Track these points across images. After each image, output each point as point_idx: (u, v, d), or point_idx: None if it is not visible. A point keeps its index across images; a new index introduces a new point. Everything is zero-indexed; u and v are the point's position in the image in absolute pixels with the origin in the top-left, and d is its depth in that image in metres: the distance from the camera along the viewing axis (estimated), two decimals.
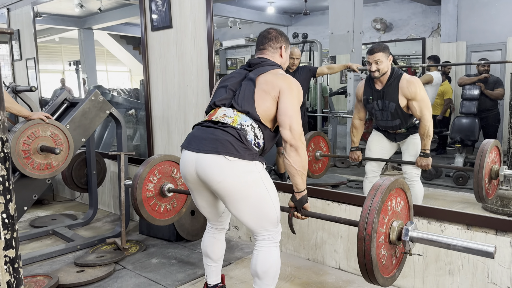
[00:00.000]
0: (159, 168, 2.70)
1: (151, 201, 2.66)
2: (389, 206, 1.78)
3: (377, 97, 3.05)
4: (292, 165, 1.98)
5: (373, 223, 1.65)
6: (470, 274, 2.39)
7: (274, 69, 2.12)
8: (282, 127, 1.99)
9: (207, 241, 2.34)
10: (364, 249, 1.66)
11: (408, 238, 1.75)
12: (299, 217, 2.09)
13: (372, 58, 2.93)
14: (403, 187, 1.88)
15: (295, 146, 1.97)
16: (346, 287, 2.68)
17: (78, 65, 9.21)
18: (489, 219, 2.34)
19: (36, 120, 3.08)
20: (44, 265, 3.17)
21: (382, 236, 1.72)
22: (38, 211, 4.74)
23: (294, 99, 2.02)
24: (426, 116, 2.89)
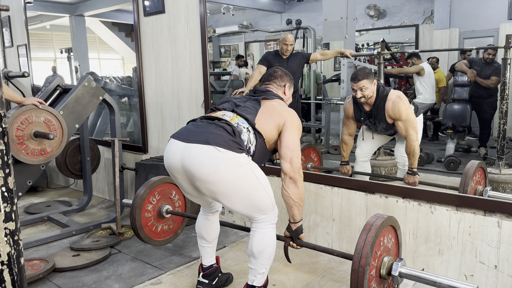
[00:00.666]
0: (159, 189, 2.77)
1: (149, 222, 2.73)
2: (381, 242, 1.89)
3: (367, 117, 3.12)
4: (290, 196, 2.04)
5: (367, 256, 1.76)
6: (459, 253, 2.45)
7: (280, 100, 2.23)
8: (283, 159, 2.04)
9: (201, 223, 2.37)
10: (357, 281, 1.76)
11: (397, 274, 1.87)
12: (294, 247, 2.17)
13: (356, 86, 2.95)
14: (395, 225, 2.00)
15: (294, 179, 2.03)
16: (338, 267, 2.74)
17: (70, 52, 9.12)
18: (477, 200, 2.39)
19: (29, 106, 3.08)
20: (40, 250, 3.20)
21: (373, 270, 1.84)
22: (33, 198, 4.75)
23: (296, 133, 2.10)
24: (411, 136, 2.93)
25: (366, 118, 3.12)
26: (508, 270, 2.30)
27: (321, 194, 3.01)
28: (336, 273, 2.66)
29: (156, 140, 4.14)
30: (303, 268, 2.76)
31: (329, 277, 2.62)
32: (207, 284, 2.38)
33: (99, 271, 2.80)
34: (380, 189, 2.74)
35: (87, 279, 2.69)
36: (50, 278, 2.70)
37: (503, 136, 3.72)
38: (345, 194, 2.89)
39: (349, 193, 2.87)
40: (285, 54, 4.30)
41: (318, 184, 3.03)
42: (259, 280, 2.14)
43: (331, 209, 2.98)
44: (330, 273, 2.67)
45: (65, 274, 2.76)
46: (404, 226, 2.64)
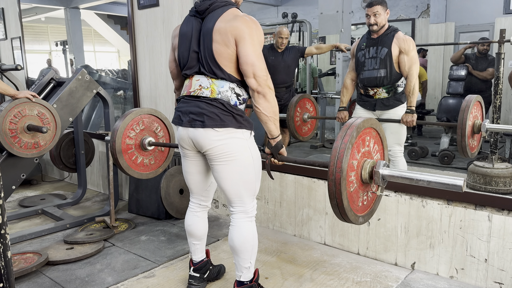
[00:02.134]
0: (145, 120, 2.65)
1: (129, 149, 2.60)
2: (360, 146, 1.72)
3: (371, 44, 3.12)
4: (262, 112, 1.95)
5: (342, 164, 1.58)
6: (450, 247, 2.47)
7: (226, 11, 1.96)
8: (246, 77, 1.93)
9: (190, 220, 2.35)
10: (334, 190, 1.61)
11: (380, 177, 1.70)
12: (276, 162, 2.08)
13: (370, 11, 3.01)
14: (375, 126, 1.80)
15: (263, 92, 1.92)
16: (330, 261, 2.75)
17: (65, 45, 9.06)
18: (468, 194, 2.41)
19: (23, 99, 3.06)
20: (34, 243, 3.20)
21: (353, 175, 1.68)
22: (27, 191, 4.74)
23: (255, 43, 1.91)
24: (413, 73, 2.98)
25: (369, 45, 3.12)
26: (498, 263, 2.32)
27: (314, 187, 3.02)
28: (328, 266, 2.68)
29: None
30: (296, 261, 2.77)
31: (321, 270, 2.64)
32: (198, 278, 2.39)
33: (92, 264, 2.81)
34: None
35: (80, 272, 2.69)
36: (43, 271, 2.70)
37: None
38: None
39: None
40: (280, 48, 4.30)
41: (311, 178, 3.04)
42: (246, 275, 2.14)
43: (324, 203, 2.99)
44: (323, 266, 2.68)
45: (58, 267, 2.76)
46: (395, 220, 2.66)
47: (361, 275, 2.56)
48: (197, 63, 2.03)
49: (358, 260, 2.76)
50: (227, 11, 1.96)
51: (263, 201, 3.34)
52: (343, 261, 2.75)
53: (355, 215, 1.70)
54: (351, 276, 2.55)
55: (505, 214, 2.28)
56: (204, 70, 2.00)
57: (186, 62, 2.06)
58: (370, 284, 2.45)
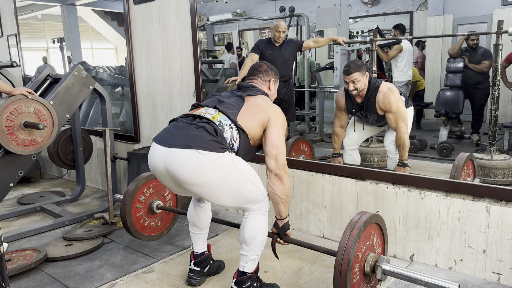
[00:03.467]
0: (154, 184, 2.78)
1: (138, 213, 2.73)
2: (365, 239, 1.89)
3: (359, 109, 3.12)
4: (276, 193, 2.04)
5: (349, 256, 1.76)
6: (448, 239, 2.47)
7: (265, 96, 2.21)
8: (268, 157, 2.04)
9: (192, 210, 2.38)
10: (340, 277, 1.77)
11: (381, 271, 1.88)
12: (281, 243, 2.18)
13: (348, 78, 2.96)
14: (380, 222, 2.01)
15: (280, 175, 2.02)
16: None
17: (62, 42, 9.02)
18: (466, 185, 2.40)
19: (19, 96, 3.05)
20: (33, 240, 3.19)
21: (357, 267, 1.84)
22: (26, 188, 4.74)
23: (281, 130, 2.08)
24: (401, 128, 2.95)
25: (357, 110, 3.13)
26: (497, 254, 2.32)
27: (313, 181, 3.02)
28: (326, 259, 2.68)
29: (148, 130, 4.12)
30: (294, 254, 2.77)
31: (320, 263, 2.64)
32: (198, 272, 2.39)
33: (91, 260, 2.81)
34: (371, 176, 2.75)
35: (80, 268, 2.69)
36: (42, 268, 2.70)
37: (495, 122, 3.73)
38: (336, 181, 2.90)
39: (340, 180, 2.88)
40: (277, 42, 4.27)
41: (310, 172, 3.03)
42: (250, 266, 2.15)
43: (322, 196, 2.99)
44: (321, 259, 2.68)
45: (57, 263, 2.76)
46: (394, 212, 2.65)
47: None
48: (215, 103, 2.11)
49: None
50: (266, 97, 2.23)
51: None
52: None
53: None
54: None
55: (503, 204, 2.28)
56: (219, 107, 2.06)
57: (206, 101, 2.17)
58: None
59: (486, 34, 5.44)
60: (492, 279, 2.35)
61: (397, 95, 2.96)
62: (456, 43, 5.45)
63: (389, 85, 3.01)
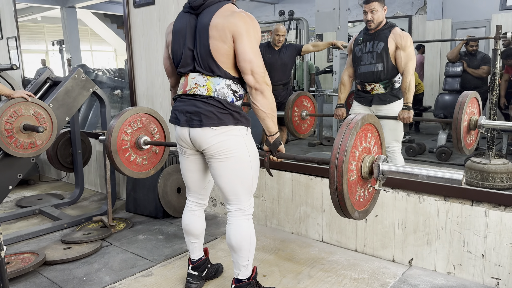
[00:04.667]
0: (143, 118, 2.65)
1: (124, 145, 2.58)
2: (362, 139, 1.74)
3: (368, 39, 3.11)
4: (260, 108, 1.95)
5: (346, 145, 1.59)
6: (447, 243, 2.47)
7: (223, 7, 1.94)
8: (244, 73, 1.93)
9: (187, 219, 2.34)
10: (336, 173, 1.60)
11: (380, 172, 1.71)
12: (274, 160, 2.08)
13: (367, 7, 2.99)
14: (375, 123, 1.83)
15: (260, 89, 1.92)
16: (328, 258, 2.75)
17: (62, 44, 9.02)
18: (465, 190, 2.41)
19: (18, 99, 3.05)
20: (31, 243, 3.19)
21: (353, 171, 1.68)
22: (24, 191, 4.73)
23: (252, 40, 1.91)
24: (409, 69, 2.97)
25: (366, 40, 3.11)
26: (495, 259, 2.32)
27: (312, 185, 3.02)
28: (326, 263, 2.68)
29: None
30: (293, 258, 2.77)
31: (319, 267, 2.64)
32: (196, 276, 2.39)
33: (90, 263, 2.80)
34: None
35: (78, 271, 2.69)
36: (41, 271, 2.70)
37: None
38: None
39: None
40: (277, 45, 4.29)
41: (309, 176, 3.04)
42: (244, 273, 2.14)
43: (321, 200, 2.99)
44: (320, 263, 2.68)
45: (55, 267, 2.76)
46: (393, 216, 2.66)
47: (358, 272, 2.56)
48: (192, 61, 2.01)
49: (356, 257, 2.76)
50: (223, 6, 1.94)
51: (261, 199, 3.34)
52: (340, 258, 2.75)
53: (352, 206, 1.69)
54: (349, 273, 2.55)
55: (501, 209, 2.29)
56: (199, 68, 1.98)
57: (180, 59, 2.04)
58: (368, 280, 2.46)
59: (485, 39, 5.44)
60: (491, 284, 2.35)
61: (412, 42, 3.02)
62: (455, 48, 5.47)
63: None
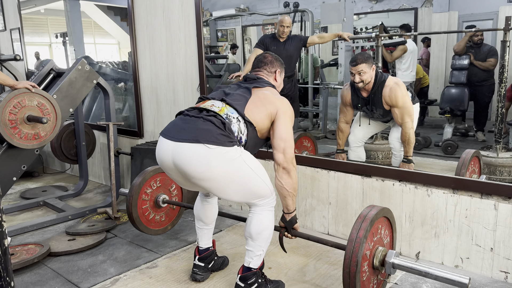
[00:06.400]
0: (162, 177, 2.77)
1: (144, 205, 2.73)
2: (373, 236, 1.88)
3: (364, 104, 3.07)
4: (284, 187, 2.02)
5: (357, 256, 1.75)
6: (455, 236, 2.44)
7: (272, 88, 2.17)
8: (276, 150, 2.01)
9: (199, 205, 2.36)
10: (349, 271, 1.76)
11: (391, 264, 1.86)
12: (289, 237, 2.16)
13: (355, 70, 2.91)
14: (389, 216, 1.99)
15: (288, 169, 2.01)
16: (334, 250, 2.73)
17: (65, 37, 8.98)
18: (474, 182, 2.37)
19: (22, 90, 3.03)
20: (35, 234, 3.18)
21: (366, 262, 1.83)
22: (28, 183, 4.73)
23: (289, 122, 2.06)
24: (407, 124, 2.90)
25: (363, 105, 3.08)
26: (504, 252, 2.29)
27: (318, 178, 3.00)
28: (331, 256, 2.66)
29: (152, 125, 4.10)
30: (299, 251, 2.75)
31: (325, 260, 2.62)
32: (203, 267, 2.37)
33: (94, 255, 2.79)
34: (377, 172, 2.72)
35: (83, 263, 2.68)
36: (45, 263, 2.69)
37: (501, 119, 3.70)
38: (341, 177, 2.87)
39: (346, 177, 2.85)
40: (282, 37, 4.24)
41: (315, 168, 3.01)
42: (255, 262, 2.13)
43: (327, 193, 2.97)
44: (326, 256, 2.66)
45: (60, 258, 2.75)
46: (400, 209, 2.63)
47: None
48: (222, 95, 2.08)
49: None
50: (273, 89, 2.19)
51: None
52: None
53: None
54: None
55: (511, 202, 2.25)
56: (226, 99, 2.03)
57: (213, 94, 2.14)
58: None
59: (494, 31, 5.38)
60: (499, 278, 2.33)
61: (404, 90, 2.92)
62: (461, 40, 5.41)
63: (396, 79, 2.97)
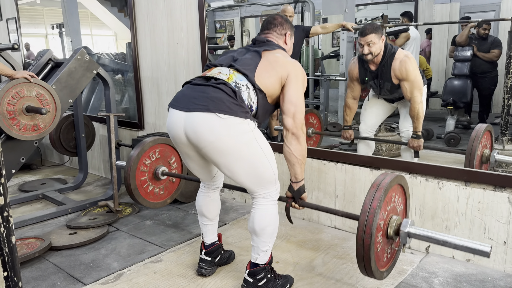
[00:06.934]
0: (161, 149, 2.66)
1: (142, 177, 2.62)
2: (387, 205, 1.79)
3: (372, 77, 2.98)
4: (293, 153, 1.93)
5: (375, 214, 1.65)
6: (467, 230, 2.39)
7: (282, 51, 2.04)
8: (286, 115, 1.92)
9: (201, 200, 2.28)
10: (363, 238, 1.67)
11: (406, 234, 1.76)
12: (296, 207, 2.07)
13: (364, 40, 2.80)
14: (403, 184, 1.90)
15: (297, 135, 1.92)
16: (341, 244, 2.68)
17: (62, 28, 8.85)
18: (488, 175, 2.32)
19: (20, 79, 2.94)
20: (36, 228, 3.11)
21: (380, 232, 1.74)
22: (27, 175, 4.65)
23: (300, 87, 1.95)
24: (416, 98, 2.82)
25: (370, 79, 2.98)
26: None
27: (324, 170, 2.94)
28: (340, 250, 2.61)
29: (153, 116, 4.02)
30: (306, 245, 2.70)
31: (333, 253, 2.56)
32: (209, 262, 2.31)
33: (97, 249, 2.73)
34: (386, 165, 2.67)
35: (85, 257, 2.61)
36: (47, 257, 2.62)
37: (507, 111, 3.65)
38: (349, 170, 2.81)
39: (354, 169, 2.79)
40: None
41: (321, 160, 2.95)
42: (262, 257, 2.07)
43: (334, 186, 2.91)
44: (334, 250, 2.61)
45: (62, 252, 2.68)
46: (410, 202, 2.57)
47: None
48: (230, 61, 1.98)
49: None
50: (284, 52, 2.05)
51: None
52: (355, 245, 2.66)
53: (380, 272, 1.76)
54: None
55: None
56: (234, 65, 1.93)
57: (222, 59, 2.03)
58: None
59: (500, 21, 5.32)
60: None
61: (414, 63, 2.84)
62: (463, 31, 5.35)
63: (406, 52, 2.88)
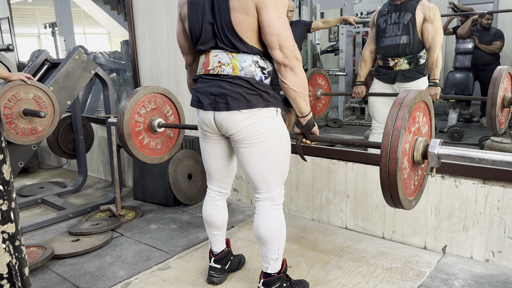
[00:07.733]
0: (158, 99, 2.46)
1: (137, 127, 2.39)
2: (411, 125, 1.50)
3: (394, 10, 2.92)
4: (290, 87, 1.73)
5: (397, 152, 1.39)
6: (486, 229, 2.31)
7: None
8: (271, 48, 1.69)
9: (209, 209, 2.16)
10: (388, 172, 1.42)
11: (436, 156, 1.47)
12: (308, 143, 1.90)
13: None
14: (428, 101, 1.62)
15: (290, 65, 1.69)
16: (355, 246, 2.60)
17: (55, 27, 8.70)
18: (508, 172, 2.23)
19: (17, 82, 2.83)
20: (36, 235, 3.01)
21: (406, 157, 1.48)
22: (24, 179, 4.53)
23: (279, 9, 1.66)
24: (437, 44, 2.81)
25: (391, 11, 2.93)
26: None
27: (334, 169, 2.85)
28: (353, 252, 2.52)
29: None
30: (318, 247, 2.61)
31: (347, 256, 2.48)
32: (219, 269, 2.22)
33: (101, 256, 2.63)
34: None
35: (90, 266, 2.51)
36: (50, 266, 2.52)
37: None
38: (360, 169, 2.73)
39: (365, 168, 2.71)
40: None
41: (331, 159, 2.86)
42: (273, 266, 1.97)
43: (345, 185, 2.82)
44: (348, 252, 2.52)
45: (65, 261, 2.58)
46: (425, 201, 2.49)
47: (390, 261, 2.40)
48: (213, 37, 1.78)
49: (385, 245, 2.60)
50: None
51: None
52: (368, 246, 2.59)
53: (408, 201, 1.54)
54: (380, 262, 2.39)
55: None
56: (222, 44, 1.75)
57: (200, 35, 1.81)
58: (401, 270, 2.30)
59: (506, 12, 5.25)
60: None
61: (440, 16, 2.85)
62: (465, 23, 5.27)
63: None
